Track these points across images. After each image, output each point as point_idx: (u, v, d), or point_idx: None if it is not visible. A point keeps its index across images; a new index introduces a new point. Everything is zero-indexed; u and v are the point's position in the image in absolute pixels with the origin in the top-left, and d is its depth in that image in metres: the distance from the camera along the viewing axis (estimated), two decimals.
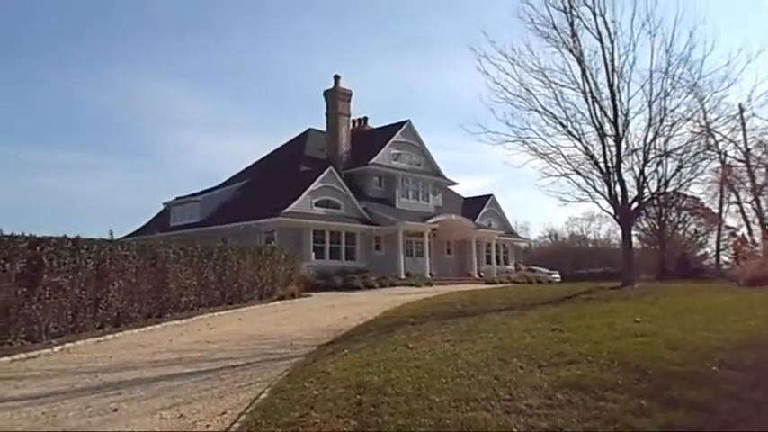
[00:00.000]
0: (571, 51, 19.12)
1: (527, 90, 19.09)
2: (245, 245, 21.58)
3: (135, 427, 5.81)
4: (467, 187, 77.58)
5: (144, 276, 14.70)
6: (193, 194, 36.14)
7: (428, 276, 32.33)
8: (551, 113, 19.24)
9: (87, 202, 72.67)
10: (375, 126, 41.02)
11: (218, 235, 29.50)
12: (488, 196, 43.85)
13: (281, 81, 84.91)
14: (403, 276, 31.11)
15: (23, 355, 9.94)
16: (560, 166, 19.62)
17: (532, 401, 5.48)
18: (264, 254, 20.65)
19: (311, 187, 30.95)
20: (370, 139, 37.94)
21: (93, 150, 76.49)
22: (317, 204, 31.12)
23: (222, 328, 13.64)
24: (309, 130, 39.42)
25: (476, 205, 42.55)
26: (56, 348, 10.74)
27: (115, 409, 6.49)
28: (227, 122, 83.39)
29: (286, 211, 29.01)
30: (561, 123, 19.29)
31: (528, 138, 19.29)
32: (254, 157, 41.66)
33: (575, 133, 19.36)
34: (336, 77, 36.85)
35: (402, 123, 38.49)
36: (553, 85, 19.15)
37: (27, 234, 11.50)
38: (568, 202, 20.64)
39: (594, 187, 19.85)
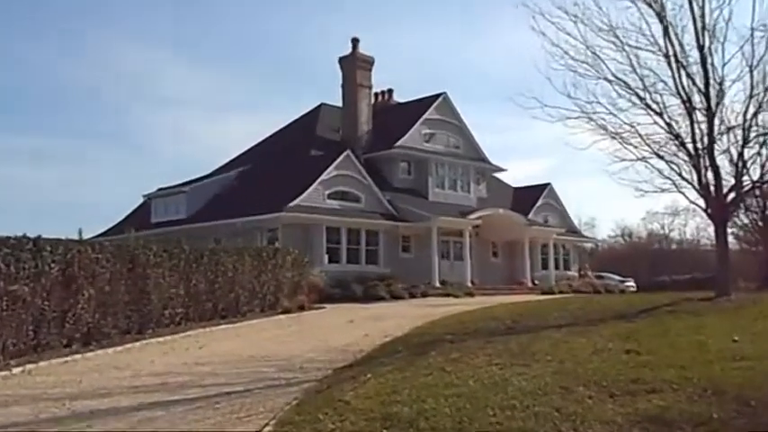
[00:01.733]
0: (650, 6, 18.81)
1: (594, 54, 18.88)
2: (242, 246, 21.84)
3: None
4: (518, 175, 77.28)
5: (120, 284, 14.80)
6: (180, 184, 36.59)
7: (469, 285, 32.39)
8: (625, 82, 18.98)
9: (50, 196, 73.73)
10: (402, 100, 41.08)
11: (209, 234, 29.84)
12: (545, 185, 43.74)
13: (289, 49, 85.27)
14: (438, 284, 31.20)
15: None
16: (636, 147, 19.40)
17: None
18: (267, 257, 20.80)
19: (323, 176, 31.12)
20: (396, 116, 38.04)
21: (53, 133, 77.49)
22: (330, 196, 31.28)
23: (215, 346, 13.79)
24: (322, 105, 39.74)
25: (529, 197, 42.32)
26: (15, 370, 10.87)
27: None
28: (223, 99, 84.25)
29: (293, 204, 29.21)
30: (637, 95, 19.03)
31: (595, 113, 19.09)
32: (255, 139, 41.78)
33: (655, 107, 19.09)
34: (354, 41, 36.98)
35: (436, 96, 38.48)
36: (627, 48, 18.88)
37: None
38: (646, 192, 20.39)
39: (680, 174, 19.58)
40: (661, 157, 19.48)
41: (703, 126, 19.01)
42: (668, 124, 19.16)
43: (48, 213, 68.78)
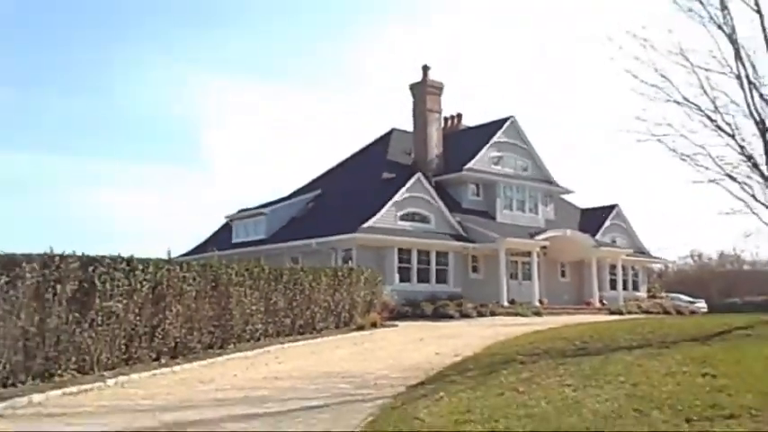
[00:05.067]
0: (720, 28, 18.17)
1: (663, 76, 18.30)
2: (318, 265, 22.14)
3: None
4: (586, 197, 75.21)
5: (204, 301, 14.95)
6: (259, 206, 37.38)
7: (537, 304, 31.90)
8: (695, 104, 18.26)
9: (137, 218, 76.20)
10: (471, 125, 41.09)
11: (287, 254, 30.87)
12: (612, 207, 42.82)
13: (361, 75, 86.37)
14: (506, 304, 30.87)
15: (75, 389, 10.46)
16: (707, 169, 18.66)
17: None
18: (341, 276, 20.95)
19: (395, 198, 31.28)
20: (465, 140, 37.99)
21: (136, 159, 79.93)
22: (402, 218, 31.38)
23: (293, 362, 13.96)
24: (393, 130, 40.06)
25: (597, 218, 41.61)
26: (109, 382, 11.19)
27: None
28: (297, 124, 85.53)
29: (366, 225, 29.42)
30: (708, 117, 18.28)
31: (665, 135, 18.42)
32: (329, 162, 42.49)
33: (726, 128, 18.21)
34: (425, 68, 37.10)
35: (504, 120, 38.30)
36: (697, 70, 18.15)
37: (79, 253, 12.06)
38: (719, 214, 19.59)
39: (753, 195, 18.74)
40: (734, 179, 18.70)
41: None
42: (741, 146, 18.34)
43: (140, 234, 71.03)
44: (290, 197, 38.91)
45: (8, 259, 10.80)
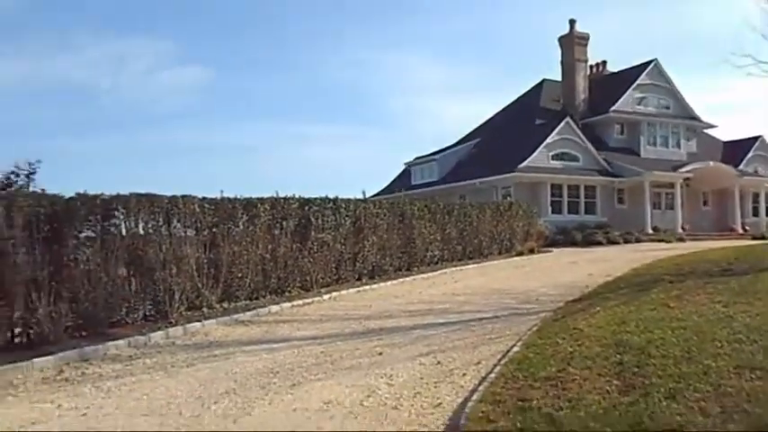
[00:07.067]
0: None
1: None
2: (482, 201, 21.83)
3: (400, 371, 6.27)
4: (729, 130, 67.53)
5: (393, 233, 15.33)
6: (431, 154, 37.30)
7: (680, 231, 29.27)
8: None
9: (342, 167, 79.68)
10: (615, 70, 37.78)
11: (455, 192, 30.51)
12: (756, 138, 37.40)
13: (513, 34, 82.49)
14: (650, 231, 28.64)
15: (300, 302, 11.29)
16: None
17: None
18: (502, 210, 20.75)
19: (547, 140, 29.78)
20: (609, 85, 34.95)
21: (344, 123, 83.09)
22: (553, 158, 29.86)
23: (466, 281, 14.01)
24: (544, 80, 37.66)
25: (739, 150, 36.73)
26: (325, 297, 11.89)
27: (380, 353, 7.10)
28: (459, 84, 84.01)
29: (522, 166, 28.43)
30: None
31: None
32: (488, 113, 41.26)
33: None
34: (572, 21, 34.43)
35: (647, 63, 34.71)
36: None
37: (297, 196, 12.88)
38: None
39: None
40: None
41: None
42: None
43: (341, 180, 74.09)
44: (456, 144, 38.26)
45: (247, 202, 11.67)
